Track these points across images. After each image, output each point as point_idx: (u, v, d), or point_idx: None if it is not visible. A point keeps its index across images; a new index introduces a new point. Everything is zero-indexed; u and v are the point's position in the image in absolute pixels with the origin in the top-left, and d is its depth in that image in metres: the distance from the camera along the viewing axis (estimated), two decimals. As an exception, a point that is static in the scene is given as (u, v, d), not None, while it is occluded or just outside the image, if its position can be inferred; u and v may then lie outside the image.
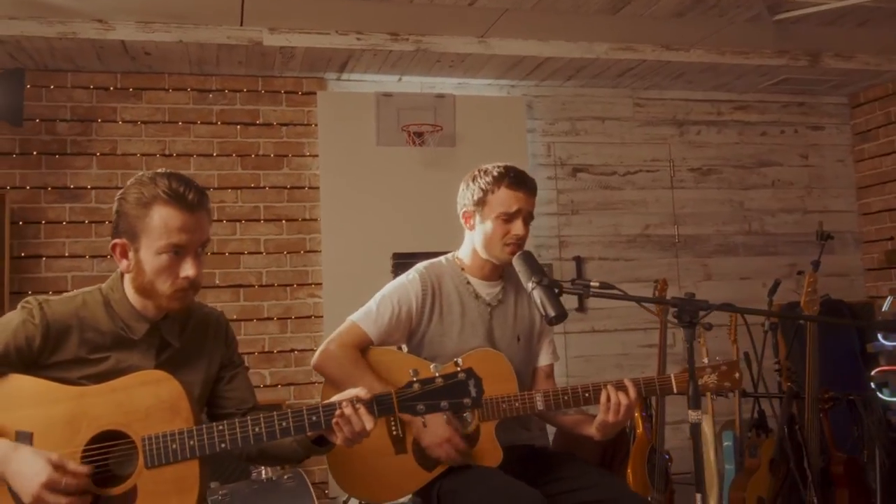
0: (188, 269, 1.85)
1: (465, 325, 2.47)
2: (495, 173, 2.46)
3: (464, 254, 2.57)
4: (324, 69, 4.90)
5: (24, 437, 1.77)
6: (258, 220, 4.83)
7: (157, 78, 4.74)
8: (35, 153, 4.53)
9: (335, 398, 1.84)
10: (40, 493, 1.67)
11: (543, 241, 5.35)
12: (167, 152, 4.73)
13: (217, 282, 4.70)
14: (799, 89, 5.75)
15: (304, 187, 4.93)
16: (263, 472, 3.28)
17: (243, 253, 4.79)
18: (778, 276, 4.53)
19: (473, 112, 5.20)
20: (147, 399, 1.80)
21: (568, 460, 2.49)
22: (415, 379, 1.85)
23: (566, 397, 2.36)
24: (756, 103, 5.83)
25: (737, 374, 2.38)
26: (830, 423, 3.65)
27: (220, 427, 1.80)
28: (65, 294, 1.92)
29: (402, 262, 4.81)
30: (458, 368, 1.88)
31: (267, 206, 4.86)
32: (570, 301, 5.42)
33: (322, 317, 4.83)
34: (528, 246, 2.43)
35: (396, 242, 4.86)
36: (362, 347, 2.38)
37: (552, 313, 2.22)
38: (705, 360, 2.41)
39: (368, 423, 1.81)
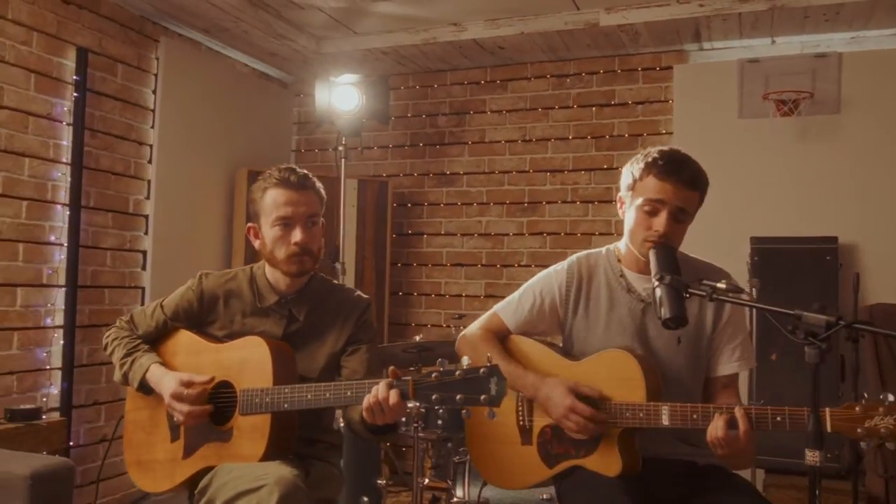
0: (297, 236, 2.20)
1: (611, 321, 2.26)
2: (649, 159, 2.19)
3: (622, 244, 2.34)
4: (678, 41, 4.64)
5: None
6: (610, 202, 4.82)
7: (520, 68, 5.07)
8: (421, 144, 5.27)
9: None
10: (169, 401, 2.16)
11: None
12: (527, 138, 5.04)
13: (568, 261, 4.86)
14: None
15: (658, 167, 4.75)
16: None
17: (594, 234, 4.85)
18: None
19: (866, 71, 4.36)
20: (246, 359, 2.17)
21: (732, 485, 2.14)
22: (441, 369, 1.85)
23: (695, 415, 2.02)
24: None
25: (925, 421, 1.74)
26: None
27: (287, 390, 2.06)
28: (227, 269, 2.39)
29: (762, 246, 4.35)
30: (488, 364, 1.82)
31: (619, 187, 4.81)
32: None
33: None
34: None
35: (757, 225, 4.42)
36: (500, 336, 2.36)
37: (666, 314, 1.95)
38: (891, 398, 1.80)
39: (382, 392, 1.90)
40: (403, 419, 3.05)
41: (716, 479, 2.17)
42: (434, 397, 1.83)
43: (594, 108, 4.92)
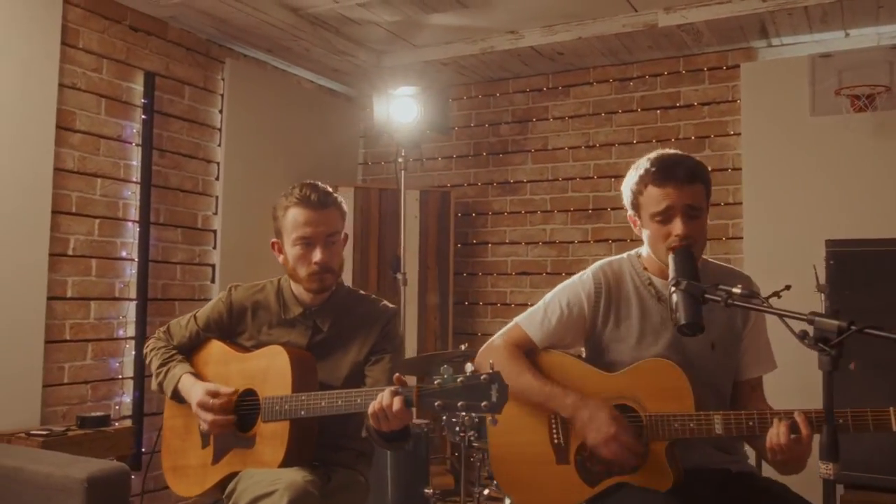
0: (317, 256, 2.24)
1: (644, 331, 2.18)
2: (641, 171, 2.16)
3: (645, 251, 2.28)
4: (744, 39, 4.47)
5: None
6: (676, 206, 4.69)
7: (582, 73, 5.01)
8: (484, 154, 5.27)
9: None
10: (196, 410, 2.23)
11: None
12: (590, 143, 4.96)
13: (634, 268, 4.75)
14: None
15: (726, 169, 4.61)
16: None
17: (661, 240, 4.72)
18: None
19: (950, 60, 4.10)
20: (268, 368, 2.22)
21: (771, 491, 2.06)
22: (444, 376, 1.85)
23: (751, 423, 1.95)
24: None
25: None
26: None
27: (303, 397, 2.10)
28: (257, 281, 2.45)
29: (837, 249, 4.12)
30: (490, 371, 1.81)
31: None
32: None
33: (738, 309, 4.46)
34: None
35: (832, 228, 4.18)
36: (525, 350, 2.29)
37: (681, 321, 1.88)
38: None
39: (386, 399, 1.91)
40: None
41: (753, 485, 2.09)
42: (437, 404, 1.83)
43: (659, 111, 4.80)
